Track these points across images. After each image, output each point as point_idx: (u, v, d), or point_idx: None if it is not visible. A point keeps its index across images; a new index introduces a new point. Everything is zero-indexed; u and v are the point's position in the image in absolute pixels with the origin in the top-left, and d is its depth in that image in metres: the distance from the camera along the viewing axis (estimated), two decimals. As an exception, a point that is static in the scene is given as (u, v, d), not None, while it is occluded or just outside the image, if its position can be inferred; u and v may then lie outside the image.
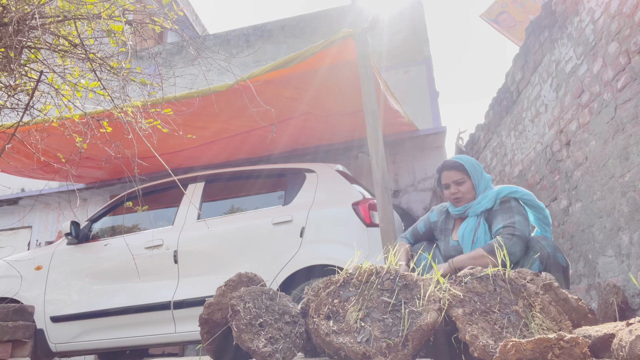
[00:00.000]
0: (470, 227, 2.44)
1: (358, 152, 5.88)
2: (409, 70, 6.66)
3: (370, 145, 3.17)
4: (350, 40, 3.37)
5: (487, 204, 2.42)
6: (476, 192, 2.48)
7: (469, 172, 2.48)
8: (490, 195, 2.43)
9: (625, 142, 2.73)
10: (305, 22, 7.36)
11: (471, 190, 2.48)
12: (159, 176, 4.59)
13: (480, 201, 2.44)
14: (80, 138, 2.93)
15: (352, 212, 3.40)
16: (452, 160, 2.54)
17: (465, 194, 2.48)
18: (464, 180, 2.48)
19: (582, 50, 3.21)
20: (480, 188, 2.49)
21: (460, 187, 2.48)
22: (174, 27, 2.78)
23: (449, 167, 2.52)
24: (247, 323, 1.66)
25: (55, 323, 3.75)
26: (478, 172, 2.50)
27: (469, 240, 2.44)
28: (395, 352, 1.46)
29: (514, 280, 1.68)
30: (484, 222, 2.43)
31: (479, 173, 2.50)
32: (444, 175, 2.54)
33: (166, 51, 7.62)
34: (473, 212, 2.45)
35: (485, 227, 2.42)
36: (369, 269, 1.76)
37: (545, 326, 1.52)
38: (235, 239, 3.61)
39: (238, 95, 3.50)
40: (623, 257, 2.82)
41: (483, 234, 2.41)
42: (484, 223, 2.43)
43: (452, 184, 2.50)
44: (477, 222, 2.44)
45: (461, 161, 2.51)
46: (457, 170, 2.49)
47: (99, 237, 4.08)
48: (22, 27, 2.32)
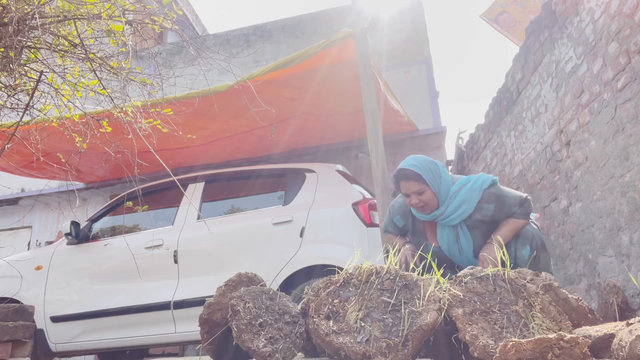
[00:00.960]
0: (451, 239, 2.39)
1: (358, 152, 5.88)
2: (409, 70, 6.66)
3: (370, 145, 3.17)
4: (350, 40, 3.37)
5: (468, 210, 2.32)
6: (438, 198, 2.35)
7: (427, 180, 2.33)
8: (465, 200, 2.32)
9: (625, 142, 2.73)
10: (305, 22, 7.36)
11: (433, 197, 2.35)
12: (159, 176, 4.59)
13: (453, 212, 2.33)
14: (80, 138, 2.93)
15: (352, 212, 3.40)
16: (407, 170, 2.36)
17: (428, 202, 2.35)
18: (423, 190, 2.34)
19: (582, 50, 3.21)
20: (441, 193, 2.36)
21: (421, 196, 2.35)
22: (174, 27, 2.78)
23: (405, 177, 2.36)
24: (247, 323, 1.66)
25: (55, 323, 3.76)
26: (436, 177, 2.36)
27: (455, 250, 2.40)
28: (395, 352, 1.46)
29: (514, 280, 1.68)
30: (463, 229, 2.37)
31: (436, 178, 2.36)
32: (402, 185, 2.39)
33: (166, 51, 7.62)
34: (449, 222, 2.35)
35: (466, 233, 2.37)
36: (369, 269, 1.76)
37: (545, 326, 1.52)
38: (235, 239, 3.61)
39: (238, 95, 3.50)
40: (623, 257, 2.82)
41: (465, 240, 2.37)
42: (463, 230, 2.37)
43: (413, 194, 2.36)
44: (454, 232, 2.37)
45: (416, 170, 2.34)
46: (415, 181, 2.34)
47: (99, 237, 4.08)
48: (22, 27, 2.32)
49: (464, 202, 2.32)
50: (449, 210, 2.34)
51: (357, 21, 6.57)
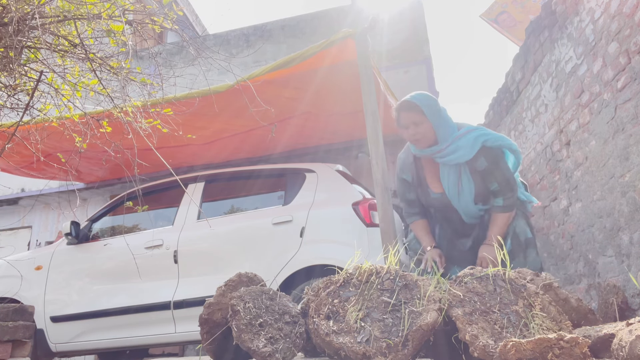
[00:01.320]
0: (452, 180, 2.43)
1: (358, 152, 5.88)
2: (409, 70, 6.65)
3: (370, 145, 3.16)
4: (350, 40, 3.36)
5: (466, 155, 2.37)
6: (436, 134, 2.39)
7: (427, 114, 2.37)
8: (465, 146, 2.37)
9: (625, 142, 2.73)
10: (305, 22, 7.36)
11: (430, 131, 2.39)
12: (159, 176, 4.59)
13: (454, 150, 2.38)
14: (80, 138, 2.93)
15: (352, 212, 3.40)
16: (409, 101, 2.42)
17: (424, 134, 2.40)
18: (422, 122, 2.38)
19: (582, 50, 3.22)
20: (440, 132, 2.39)
21: (419, 128, 2.39)
22: (174, 27, 2.78)
23: (406, 108, 2.42)
24: (247, 323, 1.66)
25: (55, 323, 3.75)
26: (435, 113, 2.39)
27: (455, 192, 2.43)
28: (395, 352, 1.46)
29: (514, 280, 1.68)
30: (465, 170, 2.41)
31: (436, 114, 2.39)
32: (402, 116, 2.44)
33: (166, 51, 7.62)
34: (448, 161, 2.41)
35: (468, 175, 2.41)
36: (369, 269, 1.76)
37: (545, 326, 1.52)
38: (235, 239, 3.61)
39: (238, 95, 3.50)
40: (623, 257, 2.82)
41: (467, 182, 2.42)
42: (465, 172, 2.41)
43: (411, 124, 2.41)
44: (457, 172, 2.41)
45: (418, 102, 2.39)
46: (415, 112, 2.39)
47: (99, 237, 4.08)
48: (22, 27, 2.32)
49: (464, 147, 2.37)
50: (448, 149, 2.38)
51: (357, 21, 6.57)
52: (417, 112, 2.38)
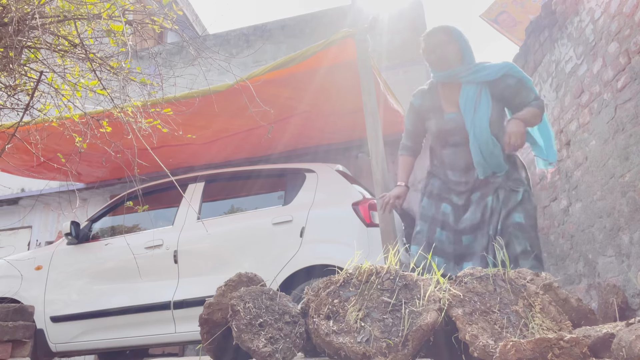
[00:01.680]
0: (471, 95, 2.45)
1: (358, 152, 5.88)
2: (409, 70, 6.65)
3: (370, 145, 3.17)
4: (350, 40, 3.37)
5: (491, 75, 2.43)
6: (462, 57, 2.47)
7: (455, 36, 2.49)
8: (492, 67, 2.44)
9: (625, 142, 2.73)
10: (305, 22, 7.36)
11: (457, 52, 2.48)
12: (159, 176, 4.59)
13: (479, 70, 2.44)
14: (80, 138, 2.93)
15: (352, 212, 3.40)
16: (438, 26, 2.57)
17: (452, 55, 2.48)
18: (449, 42, 2.49)
19: (582, 50, 3.22)
20: (467, 54, 2.48)
21: (447, 47, 2.48)
22: (174, 27, 2.78)
23: (435, 30, 2.54)
24: (247, 323, 1.66)
25: (55, 323, 3.76)
26: (463, 38, 2.50)
27: (471, 108, 2.44)
28: (395, 352, 1.46)
29: (514, 280, 1.68)
30: (486, 91, 2.44)
31: (464, 39, 2.50)
32: (430, 40, 2.54)
33: (166, 51, 7.62)
34: (472, 79, 2.45)
35: (488, 96, 2.44)
36: (369, 269, 1.76)
37: (545, 326, 1.52)
38: (235, 239, 3.61)
39: (238, 95, 3.50)
40: (623, 257, 2.82)
41: (486, 102, 2.43)
42: (486, 92, 2.44)
43: (439, 46, 2.50)
44: (477, 90, 2.45)
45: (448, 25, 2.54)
46: (444, 33, 2.51)
47: (99, 237, 4.08)
48: (22, 27, 2.32)
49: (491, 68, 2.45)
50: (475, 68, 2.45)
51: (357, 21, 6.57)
52: (446, 32, 2.51)
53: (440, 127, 2.53)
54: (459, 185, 2.54)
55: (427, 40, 2.56)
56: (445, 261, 2.47)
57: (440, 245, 2.50)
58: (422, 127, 2.69)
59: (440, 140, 2.57)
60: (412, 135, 2.74)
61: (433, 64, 2.57)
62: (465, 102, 2.46)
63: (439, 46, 2.50)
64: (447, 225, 2.52)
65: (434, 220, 2.57)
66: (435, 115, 2.58)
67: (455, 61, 2.48)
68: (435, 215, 2.57)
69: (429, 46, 2.55)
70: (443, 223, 2.53)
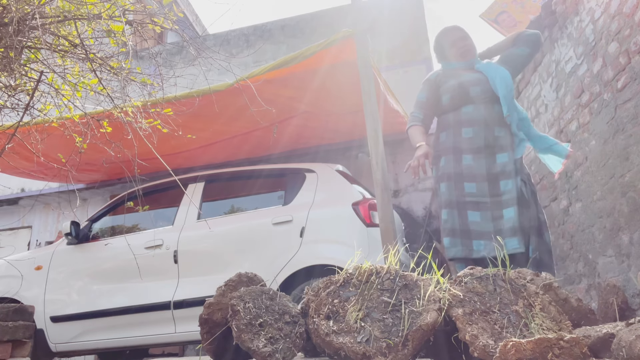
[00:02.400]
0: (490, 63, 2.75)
1: (358, 152, 5.88)
2: (409, 70, 6.65)
3: (370, 145, 3.16)
4: (350, 40, 3.37)
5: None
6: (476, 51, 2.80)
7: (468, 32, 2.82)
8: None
9: (625, 142, 2.73)
10: (305, 22, 7.36)
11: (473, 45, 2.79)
12: (159, 176, 4.59)
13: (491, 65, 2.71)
14: (80, 138, 2.93)
15: (352, 212, 3.40)
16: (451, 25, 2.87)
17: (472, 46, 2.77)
18: (467, 37, 2.79)
19: (582, 50, 3.22)
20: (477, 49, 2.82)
21: (467, 40, 2.77)
22: (174, 27, 2.78)
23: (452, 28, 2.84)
24: (247, 323, 1.66)
25: (55, 323, 3.75)
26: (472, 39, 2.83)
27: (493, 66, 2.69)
28: (395, 352, 1.46)
29: (514, 280, 1.68)
30: None
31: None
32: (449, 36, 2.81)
33: (166, 51, 7.62)
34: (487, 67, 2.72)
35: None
36: (369, 269, 1.76)
37: (545, 326, 1.52)
38: (235, 239, 3.61)
39: (238, 94, 3.50)
40: (623, 257, 2.82)
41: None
42: None
43: (459, 39, 2.78)
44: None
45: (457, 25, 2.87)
46: (460, 30, 2.82)
47: (99, 237, 4.08)
48: (22, 27, 2.32)
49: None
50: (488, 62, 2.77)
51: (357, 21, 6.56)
52: (462, 29, 2.83)
53: (462, 81, 2.65)
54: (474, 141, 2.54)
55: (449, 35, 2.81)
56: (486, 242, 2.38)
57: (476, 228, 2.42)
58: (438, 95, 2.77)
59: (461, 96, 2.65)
60: (425, 106, 2.83)
61: (452, 56, 2.80)
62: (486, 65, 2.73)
63: (462, 39, 2.77)
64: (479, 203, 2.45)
65: (460, 204, 2.49)
66: (454, 77, 2.72)
67: (473, 52, 2.77)
68: (459, 199, 2.49)
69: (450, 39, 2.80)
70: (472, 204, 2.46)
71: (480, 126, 2.56)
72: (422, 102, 2.83)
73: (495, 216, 2.42)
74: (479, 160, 2.50)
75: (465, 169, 2.52)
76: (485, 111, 2.58)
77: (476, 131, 2.56)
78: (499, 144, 2.54)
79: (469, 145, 2.54)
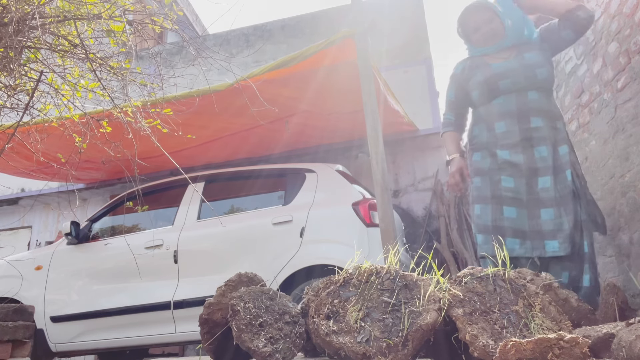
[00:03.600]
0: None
1: (358, 152, 5.88)
2: (409, 70, 6.65)
3: (370, 145, 3.16)
4: (350, 40, 3.37)
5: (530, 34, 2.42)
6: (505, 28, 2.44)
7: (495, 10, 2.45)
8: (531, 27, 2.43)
9: (625, 142, 2.73)
10: (305, 22, 7.36)
11: (500, 25, 2.44)
12: (159, 176, 4.59)
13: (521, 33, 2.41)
14: (80, 138, 2.93)
15: (352, 212, 3.40)
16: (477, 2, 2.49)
17: (498, 30, 2.44)
18: (492, 17, 2.45)
19: (582, 50, 3.22)
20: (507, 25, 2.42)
21: (491, 25, 2.44)
22: (174, 28, 2.78)
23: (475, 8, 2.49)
24: (247, 323, 1.66)
25: (55, 323, 3.75)
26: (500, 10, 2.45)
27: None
28: (395, 352, 1.46)
29: (514, 280, 1.68)
30: None
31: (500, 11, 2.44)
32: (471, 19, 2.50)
33: (166, 51, 7.62)
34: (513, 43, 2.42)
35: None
36: (369, 269, 1.76)
37: (545, 326, 1.52)
38: (235, 239, 3.61)
39: (238, 94, 3.50)
40: (623, 257, 2.83)
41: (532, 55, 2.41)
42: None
43: (483, 24, 2.46)
44: None
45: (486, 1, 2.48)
46: (485, 10, 2.47)
47: (99, 237, 4.08)
48: (22, 27, 2.32)
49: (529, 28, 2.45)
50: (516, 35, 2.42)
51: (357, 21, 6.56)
52: (486, 9, 2.47)
53: (489, 75, 2.42)
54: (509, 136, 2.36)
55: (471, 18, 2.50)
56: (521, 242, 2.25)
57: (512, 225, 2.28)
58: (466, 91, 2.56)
59: (490, 89, 2.43)
60: (456, 105, 2.63)
61: (477, 42, 2.51)
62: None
63: (487, 23, 2.45)
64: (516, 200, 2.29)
65: (495, 199, 2.34)
66: (481, 69, 2.48)
67: (500, 34, 2.44)
68: (494, 193, 2.34)
69: (470, 25, 2.50)
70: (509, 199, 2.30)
71: (513, 119, 2.37)
72: (451, 102, 2.64)
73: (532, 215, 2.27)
74: (516, 155, 2.33)
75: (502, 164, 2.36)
76: (517, 102, 2.36)
77: (509, 124, 2.37)
78: (536, 136, 2.32)
79: (504, 141, 2.38)
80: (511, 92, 2.38)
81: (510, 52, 2.46)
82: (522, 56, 2.40)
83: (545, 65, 2.39)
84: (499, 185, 2.33)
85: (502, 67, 2.40)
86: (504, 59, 2.44)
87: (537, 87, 2.36)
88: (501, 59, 2.44)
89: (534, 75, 2.35)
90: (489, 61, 2.48)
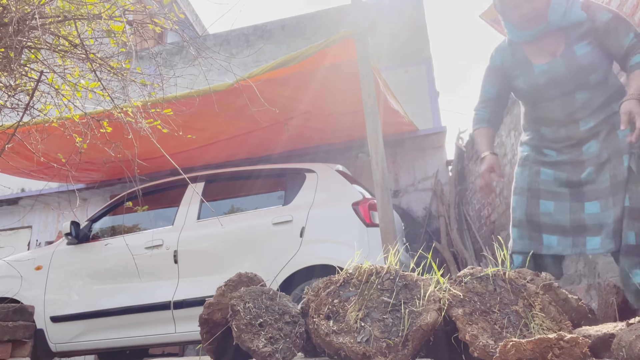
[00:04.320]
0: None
1: (358, 152, 5.89)
2: (409, 70, 6.66)
3: (370, 145, 3.17)
4: (350, 40, 3.37)
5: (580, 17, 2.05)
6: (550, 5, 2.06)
7: None
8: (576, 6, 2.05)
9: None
10: (305, 22, 7.36)
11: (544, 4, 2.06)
12: (159, 176, 4.60)
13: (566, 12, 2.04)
14: (80, 138, 2.93)
15: (352, 212, 3.40)
16: None
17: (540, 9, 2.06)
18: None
19: (582, 50, 3.21)
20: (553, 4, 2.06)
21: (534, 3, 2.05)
22: (174, 28, 2.78)
23: None
24: (247, 323, 1.66)
25: (55, 323, 3.76)
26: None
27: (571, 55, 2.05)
28: (395, 352, 1.46)
29: (514, 280, 1.68)
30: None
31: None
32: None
33: (166, 51, 7.62)
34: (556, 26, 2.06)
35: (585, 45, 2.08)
36: (369, 269, 1.76)
37: (545, 326, 1.52)
38: (235, 239, 3.61)
39: (238, 95, 3.50)
40: (623, 257, 2.82)
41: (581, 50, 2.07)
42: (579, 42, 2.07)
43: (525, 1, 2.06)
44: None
45: None
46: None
47: (99, 237, 4.08)
48: (22, 27, 2.32)
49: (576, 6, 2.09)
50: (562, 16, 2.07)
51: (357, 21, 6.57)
52: None
53: (532, 84, 2.15)
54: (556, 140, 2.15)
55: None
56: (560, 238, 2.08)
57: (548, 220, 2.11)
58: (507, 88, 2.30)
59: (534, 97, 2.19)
60: (492, 102, 2.34)
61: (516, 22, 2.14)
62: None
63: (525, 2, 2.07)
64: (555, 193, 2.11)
65: (531, 191, 2.15)
66: (523, 70, 2.19)
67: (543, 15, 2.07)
68: (532, 185, 2.16)
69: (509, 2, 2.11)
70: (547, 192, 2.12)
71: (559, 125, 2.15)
72: (491, 99, 2.34)
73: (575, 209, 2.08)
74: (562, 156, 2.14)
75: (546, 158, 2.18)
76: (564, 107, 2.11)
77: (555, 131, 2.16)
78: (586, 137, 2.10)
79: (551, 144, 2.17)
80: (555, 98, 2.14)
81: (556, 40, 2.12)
82: (571, 50, 2.08)
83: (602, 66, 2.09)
84: (538, 177, 2.15)
85: (547, 74, 2.13)
86: (550, 55, 2.13)
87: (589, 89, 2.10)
88: (546, 56, 2.14)
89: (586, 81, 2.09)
90: (532, 59, 2.18)
